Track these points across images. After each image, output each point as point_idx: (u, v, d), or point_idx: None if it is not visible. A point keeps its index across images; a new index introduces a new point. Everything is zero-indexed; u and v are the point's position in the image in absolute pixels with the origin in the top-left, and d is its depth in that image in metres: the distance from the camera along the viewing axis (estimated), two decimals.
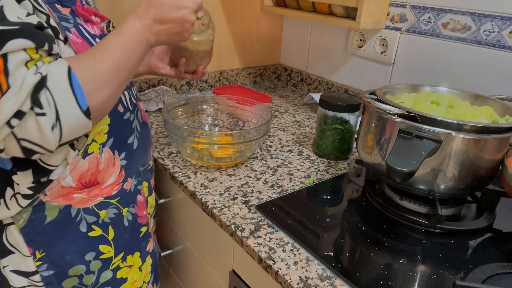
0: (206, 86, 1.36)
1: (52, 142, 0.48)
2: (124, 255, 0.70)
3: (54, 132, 0.47)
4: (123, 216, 0.68)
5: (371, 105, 0.69)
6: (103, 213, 0.64)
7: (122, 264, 0.70)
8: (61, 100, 0.46)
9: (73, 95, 0.47)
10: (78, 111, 0.48)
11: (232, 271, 0.76)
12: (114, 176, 0.65)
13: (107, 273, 0.67)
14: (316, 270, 0.58)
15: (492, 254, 0.63)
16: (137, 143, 0.70)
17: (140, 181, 0.72)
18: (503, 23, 0.86)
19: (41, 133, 0.46)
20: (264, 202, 0.74)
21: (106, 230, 0.66)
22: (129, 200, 0.69)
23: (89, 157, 0.60)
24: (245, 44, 1.41)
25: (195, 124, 1.00)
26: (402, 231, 0.68)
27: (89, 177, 0.61)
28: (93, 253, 0.64)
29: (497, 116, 0.72)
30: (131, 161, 0.69)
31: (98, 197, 0.63)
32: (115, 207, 0.66)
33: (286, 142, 1.01)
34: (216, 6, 1.28)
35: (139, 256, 0.73)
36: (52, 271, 0.61)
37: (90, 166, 0.60)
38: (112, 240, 0.67)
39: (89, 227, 0.63)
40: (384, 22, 1.09)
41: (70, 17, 0.58)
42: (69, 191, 0.59)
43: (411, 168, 0.58)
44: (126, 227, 0.69)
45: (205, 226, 0.82)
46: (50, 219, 0.59)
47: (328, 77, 1.34)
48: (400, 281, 0.56)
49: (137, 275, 0.73)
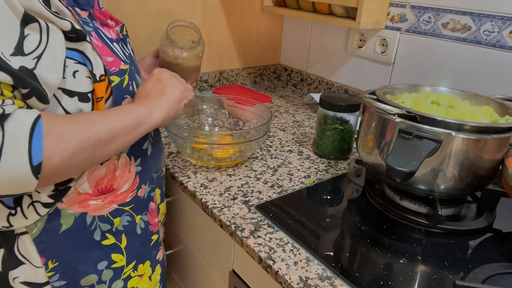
0: (206, 86, 1.36)
1: None
2: (135, 264, 0.68)
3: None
4: (136, 223, 0.67)
5: (371, 105, 0.69)
6: (117, 220, 0.63)
7: (133, 273, 0.68)
8: (10, 145, 0.41)
9: (27, 144, 0.42)
10: (26, 164, 0.42)
11: (232, 271, 0.76)
12: (129, 182, 0.64)
13: (118, 283, 0.66)
14: (316, 270, 0.58)
15: (492, 254, 0.63)
16: (151, 149, 0.69)
17: (153, 188, 0.71)
18: (503, 23, 0.86)
19: None
20: (264, 202, 0.74)
21: (119, 238, 0.64)
22: (142, 208, 0.68)
23: (106, 163, 0.59)
24: (245, 44, 1.41)
25: (195, 124, 1.00)
26: (402, 231, 0.68)
27: (105, 184, 0.60)
28: (105, 262, 0.63)
29: (497, 116, 0.72)
30: (145, 168, 0.68)
31: (113, 204, 0.62)
32: (128, 215, 0.65)
33: (286, 142, 1.01)
34: (216, 6, 1.28)
35: (149, 265, 0.72)
36: (64, 282, 0.60)
37: (107, 172, 0.59)
38: (124, 248, 0.65)
39: (103, 235, 0.62)
40: (384, 22, 1.09)
41: (89, 20, 0.58)
42: (85, 197, 0.58)
43: (411, 168, 0.58)
44: (139, 235, 0.68)
45: (205, 226, 0.82)
46: (66, 227, 0.57)
47: (328, 77, 1.34)
48: (400, 281, 0.56)
49: (147, 284, 0.72)
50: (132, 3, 1.10)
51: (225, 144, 0.82)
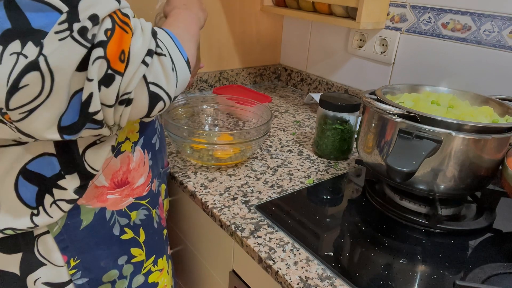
0: (206, 86, 1.36)
1: (173, 85, 0.49)
2: (155, 258, 0.68)
3: (174, 73, 0.49)
4: (152, 217, 0.67)
5: (371, 105, 0.69)
6: (134, 214, 0.63)
7: (154, 268, 0.68)
8: (170, 47, 0.50)
9: (175, 45, 0.51)
10: (183, 60, 0.52)
11: (232, 271, 0.76)
12: (144, 176, 0.64)
13: (139, 278, 0.66)
14: (316, 270, 0.58)
15: (492, 254, 0.63)
16: (159, 143, 0.70)
17: (160, 182, 0.72)
18: (503, 23, 0.86)
19: (165, 73, 0.48)
20: (264, 202, 0.74)
21: (137, 232, 0.64)
22: (156, 202, 0.69)
23: (121, 156, 0.59)
24: (245, 44, 1.41)
25: (195, 124, 1.00)
26: (402, 231, 0.68)
27: (120, 176, 0.60)
28: (125, 256, 0.63)
29: (497, 116, 0.72)
30: (155, 162, 0.68)
31: (130, 198, 0.62)
32: (145, 208, 0.65)
33: (286, 142, 1.01)
34: (216, 6, 1.28)
35: (166, 259, 0.73)
36: (86, 279, 0.59)
37: (122, 165, 0.60)
38: (143, 242, 0.65)
39: (122, 229, 0.62)
40: (384, 22, 1.09)
41: None
42: (102, 191, 0.58)
43: (411, 168, 0.58)
44: (156, 229, 0.68)
45: (205, 226, 0.82)
46: (86, 223, 0.57)
47: (328, 77, 1.34)
48: (400, 281, 0.56)
49: (166, 279, 0.72)
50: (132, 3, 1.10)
51: (225, 144, 0.82)
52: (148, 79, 0.46)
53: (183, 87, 0.53)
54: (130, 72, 0.44)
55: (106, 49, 0.42)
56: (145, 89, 0.46)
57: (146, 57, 0.45)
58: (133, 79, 0.44)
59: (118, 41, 0.43)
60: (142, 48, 0.45)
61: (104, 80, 0.42)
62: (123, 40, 0.43)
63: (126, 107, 0.46)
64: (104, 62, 0.42)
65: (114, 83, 0.43)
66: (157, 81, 0.47)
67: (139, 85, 0.46)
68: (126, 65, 0.43)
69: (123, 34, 0.43)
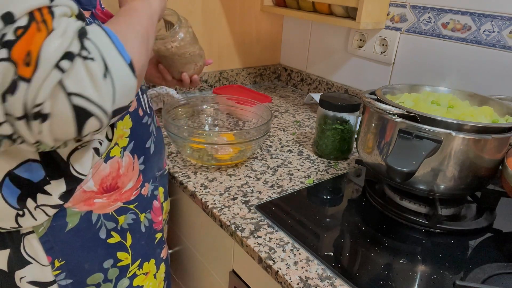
0: (206, 86, 1.36)
1: (107, 96, 0.40)
2: (140, 262, 0.68)
3: (106, 81, 0.40)
4: (140, 222, 0.67)
5: (371, 105, 0.69)
6: (121, 218, 0.63)
7: (139, 271, 0.68)
8: (104, 49, 0.41)
9: (113, 46, 0.42)
10: (123, 63, 0.42)
11: (232, 271, 0.76)
12: (133, 181, 0.64)
13: (124, 281, 0.66)
14: (316, 270, 0.58)
15: (492, 254, 0.63)
16: (153, 147, 0.69)
17: (156, 186, 0.72)
18: (503, 23, 0.86)
19: (93, 82, 0.39)
20: (264, 202, 0.74)
21: (124, 236, 0.64)
22: (146, 206, 0.69)
23: (111, 161, 0.59)
24: (245, 44, 1.41)
25: (195, 124, 1.00)
26: (402, 231, 0.68)
27: (110, 181, 0.60)
28: (111, 260, 0.63)
29: (497, 116, 0.72)
30: (149, 166, 0.68)
31: (118, 202, 0.62)
32: (133, 213, 0.65)
33: (286, 142, 1.01)
34: (216, 6, 1.28)
35: (154, 263, 0.72)
36: (70, 280, 0.59)
37: (111, 170, 0.59)
38: (129, 246, 0.65)
39: (108, 233, 0.62)
40: (384, 22, 1.09)
41: (92, 20, 0.58)
42: (91, 195, 0.58)
43: (411, 168, 0.58)
44: (143, 233, 0.68)
45: (205, 226, 0.82)
46: (71, 226, 0.57)
47: (328, 77, 1.34)
48: (400, 281, 0.56)
49: (152, 282, 0.72)
50: None
51: (225, 144, 0.82)
52: (69, 89, 0.38)
53: (127, 96, 0.44)
54: (38, 78, 0.36)
55: (12, 50, 0.36)
56: (66, 101, 0.38)
57: (63, 61, 0.37)
58: (42, 87, 0.37)
59: (27, 41, 0.36)
60: (57, 50, 0.37)
61: (9, 87, 0.37)
62: (33, 40, 0.37)
63: (43, 122, 0.38)
64: (10, 66, 0.36)
65: (18, 91, 0.37)
66: (82, 91, 0.38)
67: (56, 96, 0.38)
68: (33, 70, 0.36)
69: (36, 33, 0.37)
